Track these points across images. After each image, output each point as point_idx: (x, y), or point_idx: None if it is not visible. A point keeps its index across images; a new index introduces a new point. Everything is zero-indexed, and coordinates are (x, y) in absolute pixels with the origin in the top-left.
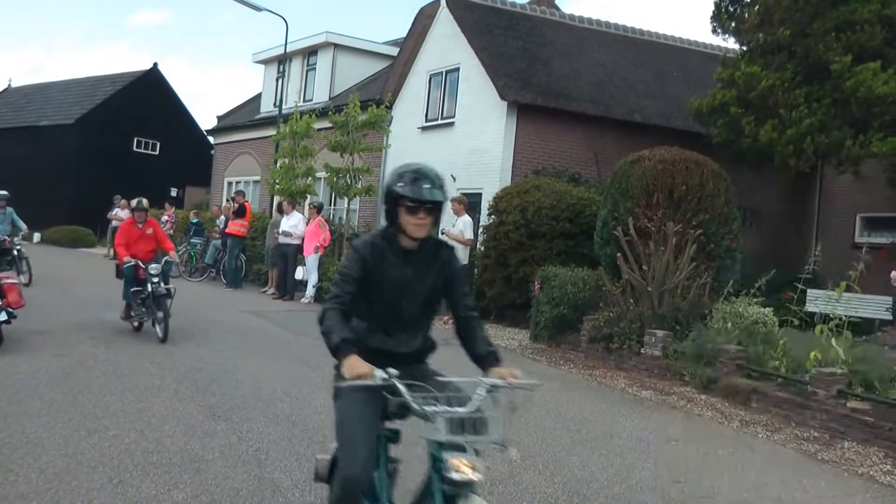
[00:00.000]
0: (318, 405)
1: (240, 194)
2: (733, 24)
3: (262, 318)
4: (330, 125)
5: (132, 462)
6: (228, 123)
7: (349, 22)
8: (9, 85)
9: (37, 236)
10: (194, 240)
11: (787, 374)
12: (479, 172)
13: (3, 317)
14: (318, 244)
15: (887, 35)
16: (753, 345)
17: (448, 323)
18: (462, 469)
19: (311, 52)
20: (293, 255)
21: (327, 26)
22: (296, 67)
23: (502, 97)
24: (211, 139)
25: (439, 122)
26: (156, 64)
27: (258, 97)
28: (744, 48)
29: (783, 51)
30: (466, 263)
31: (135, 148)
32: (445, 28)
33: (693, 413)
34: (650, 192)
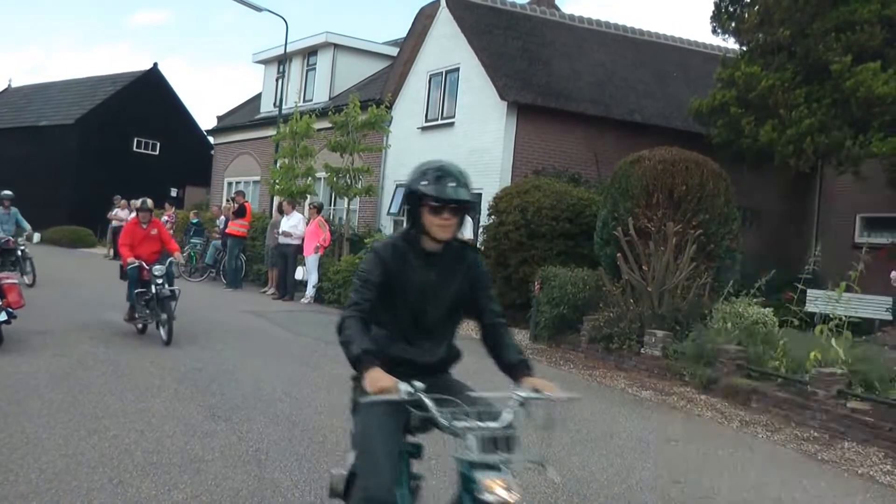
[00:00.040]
0: (318, 405)
1: (240, 194)
2: (733, 25)
3: (262, 319)
4: (330, 125)
5: (132, 462)
6: (228, 123)
7: (349, 22)
8: (9, 85)
9: (37, 236)
10: (194, 240)
11: (787, 375)
12: (479, 173)
13: (3, 317)
14: (318, 244)
15: (887, 35)
16: (753, 345)
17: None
18: (496, 490)
19: (311, 53)
20: (293, 256)
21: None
22: (296, 67)
23: (502, 97)
24: (211, 139)
25: (439, 123)
26: (156, 64)
27: (258, 97)
28: (744, 48)
29: (783, 51)
30: None
31: (135, 148)
32: (445, 28)
33: (693, 413)
34: (650, 193)
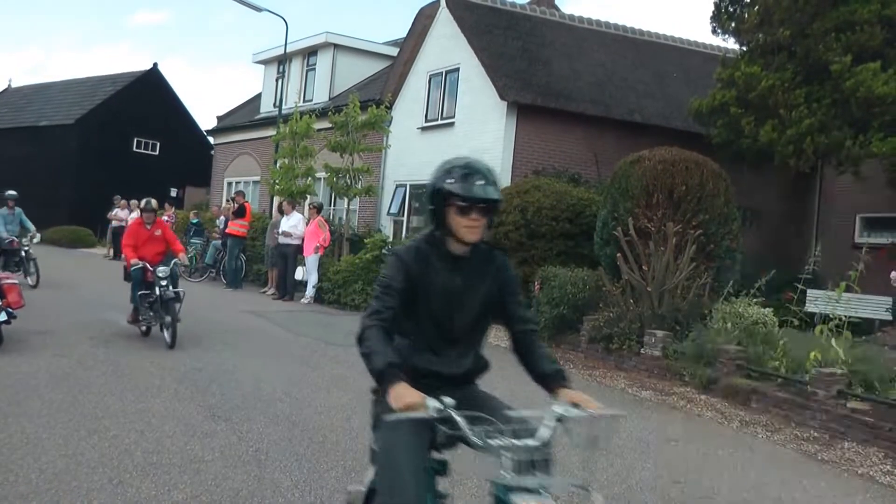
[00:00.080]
0: (318, 405)
1: (240, 195)
2: (733, 25)
3: (262, 319)
4: (330, 125)
5: (132, 462)
6: (228, 124)
7: (349, 22)
8: (9, 85)
9: (37, 236)
10: (194, 240)
11: (787, 375)
12: None
13: (3, 317)
14: (318, 244)
15: (887, 35)
16: (753, 345)
17: None
18: None
19: (311, 53)
20: (293, 256)
21: (327, 26)
22: (296, 68)
23: (502, 97)
24: (211, 139)
25: (439, 123)
26: (156, 64)
27: (258, 97)
28: (744, 48)
29: (783, 51)
30: None
31: (135, 148)
32: (445, 28)
33: (693, 413)
34: (650, 193)
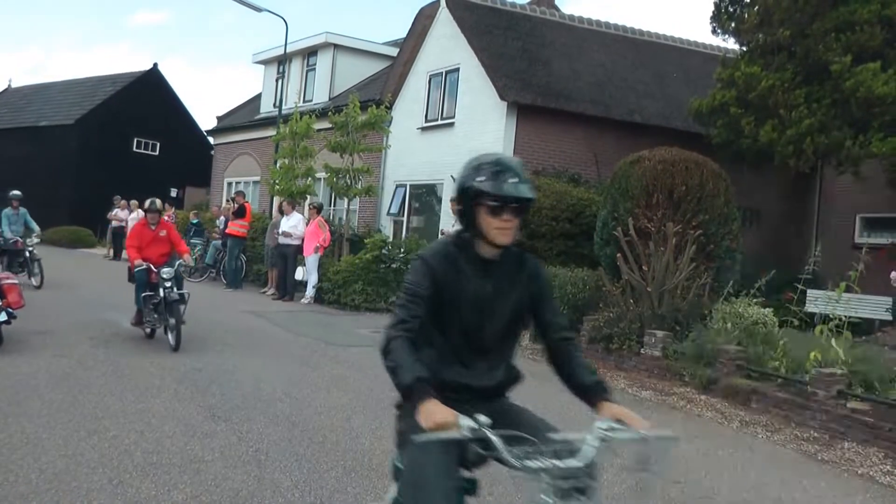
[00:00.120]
0: (318, 405)
1: (240, 195)
2: (733, 25)
3: (262, 319)
4: (330, 125)
5: (132, 463)
6: (228, 124)
7: (349, 22)
8: (9, 85)
9: (35, 238)
10: (194, 240)
11: (787, 375)
12: None
13: (3, 317)
14: (318, 244)
15: (887, 35)
16: (753, 345)
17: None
18: None
19: (311, 53)
20: (293, 256)
21: (327, 26)
22: (296, 68)
23: (502, 97)
24: (211, 139)
25: (439, 123)
26: (156, 64)
27: (258, 97)
28: (744, 48)
29: (783, 51)
30: None
31: (135, 148)
32: (445, 28)
33: (693, 413)
34: (650, 193)
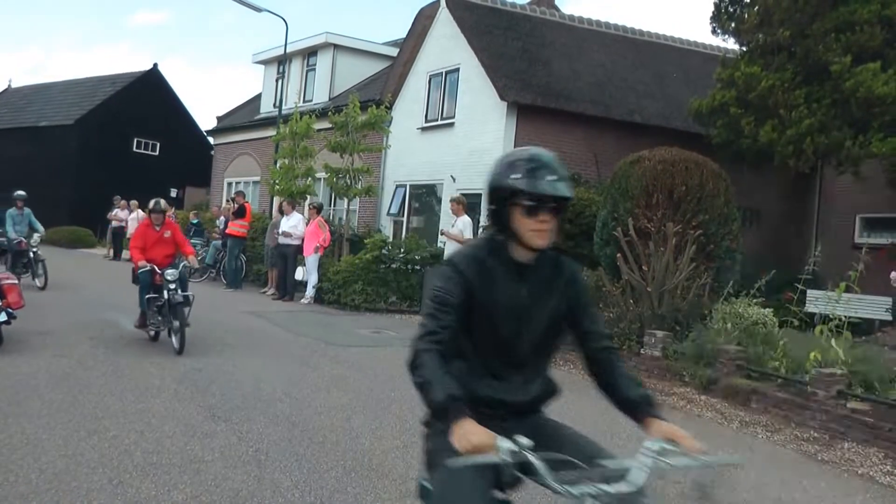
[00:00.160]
0: (318, 405)
1: (240, 195)
2: (733, 25)
3: (262, 319)
4: (330, 126)
5: (132, 463)
6: (228, 124)
7: (349, 22)
8: (9, 85)
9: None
10: (194, 241)
11: (787, 375)
12: (479, 173)
13: (3, 317)
14: (318, 244)
15: (887, 36)
16: (753, 345)
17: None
18: None
19: (311, 53)
20: (293, 256)
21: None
22: (296, 68)
23: (502, 98)
24: (211, 139)
25: (439, 123)
26: (156, 64)
27: (258, 97)
28: (743, 49)
29: (783, 51)
30: None
31: (135, 148)
32: (445, 28)
33: (693, 413)
34: (650, 193)
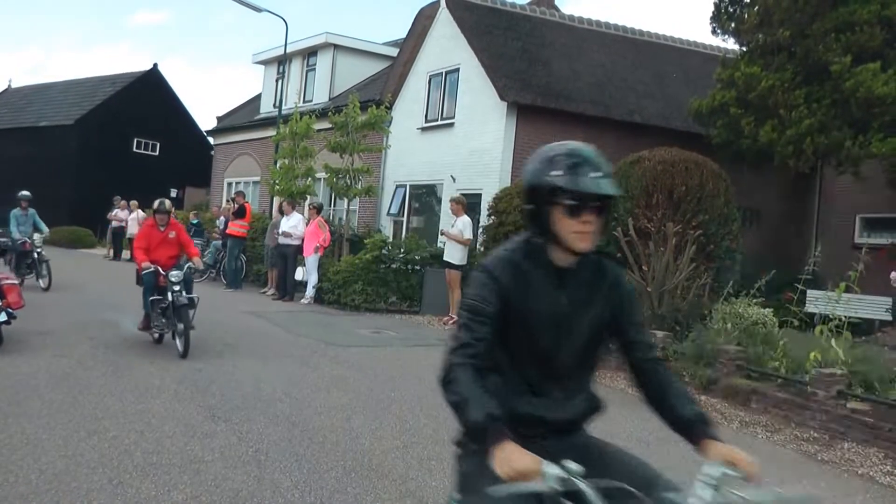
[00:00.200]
0: (318, 405)
1: (240, 195)
2: (733, 25)
3: (262, 319)
4: (330, 126)
5: (132, 463)
6: (228, 124)
7: (349, 22)
8: (9, 85)
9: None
10: (194, 241)
11: (787, 375)
12: (479, 173)
13: (3, 317)
14: (318, 245)
15: (887, 36)
16: (753, 345)
17: (449, 323)
18: None
19: (311, 53)
20: (293, 256)
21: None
22: (295, 68)
23: (502, 98)
24: (211, 140)
25: (439, 123)
26: (156, 64)
27: (258, 98)
28: (743, 49)
29: (783, 51)
30: (465, 264)
31: (135, 148)
32: (445, 29)
33: None
34: (650, 193)
